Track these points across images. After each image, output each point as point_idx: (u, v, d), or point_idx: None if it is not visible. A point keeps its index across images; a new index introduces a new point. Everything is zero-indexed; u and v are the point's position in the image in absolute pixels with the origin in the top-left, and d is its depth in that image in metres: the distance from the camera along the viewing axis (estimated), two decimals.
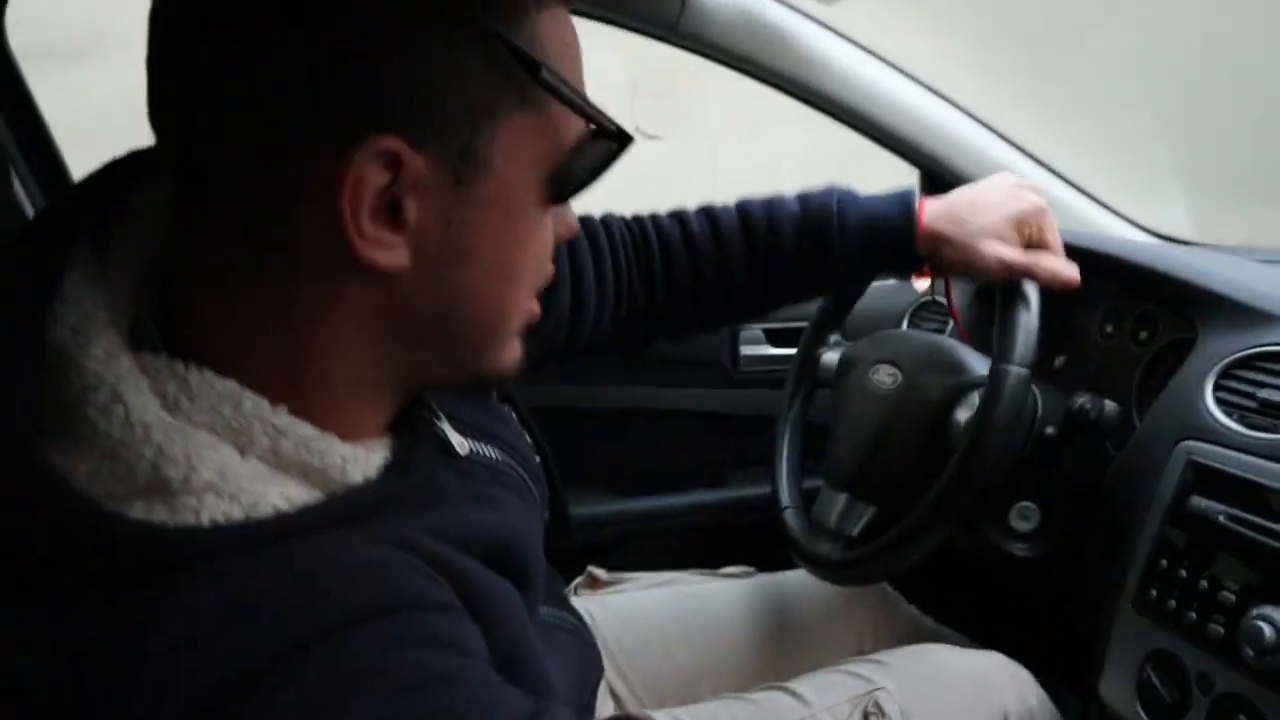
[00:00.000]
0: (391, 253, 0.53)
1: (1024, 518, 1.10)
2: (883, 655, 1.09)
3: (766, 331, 1.66)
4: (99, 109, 3.13)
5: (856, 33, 1.51)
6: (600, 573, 1.26)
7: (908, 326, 1.55)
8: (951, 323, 1.45)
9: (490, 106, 0.53)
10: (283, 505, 0.50)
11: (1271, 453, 0.88)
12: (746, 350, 1.66)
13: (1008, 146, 1.57)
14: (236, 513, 0.49)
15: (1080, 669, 1.02)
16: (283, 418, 0.52)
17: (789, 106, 1.53)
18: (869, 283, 1.19)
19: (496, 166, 0.55)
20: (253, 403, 0.52)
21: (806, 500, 1.23)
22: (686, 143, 3.92)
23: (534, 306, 0.63)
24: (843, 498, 1.16)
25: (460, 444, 0.69)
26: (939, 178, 1.56)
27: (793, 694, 1.03)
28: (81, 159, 1.68)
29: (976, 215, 1.00)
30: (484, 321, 0.59)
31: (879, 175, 1.61)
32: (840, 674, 1.06)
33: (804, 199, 1.03)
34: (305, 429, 0.53)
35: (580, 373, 1.67)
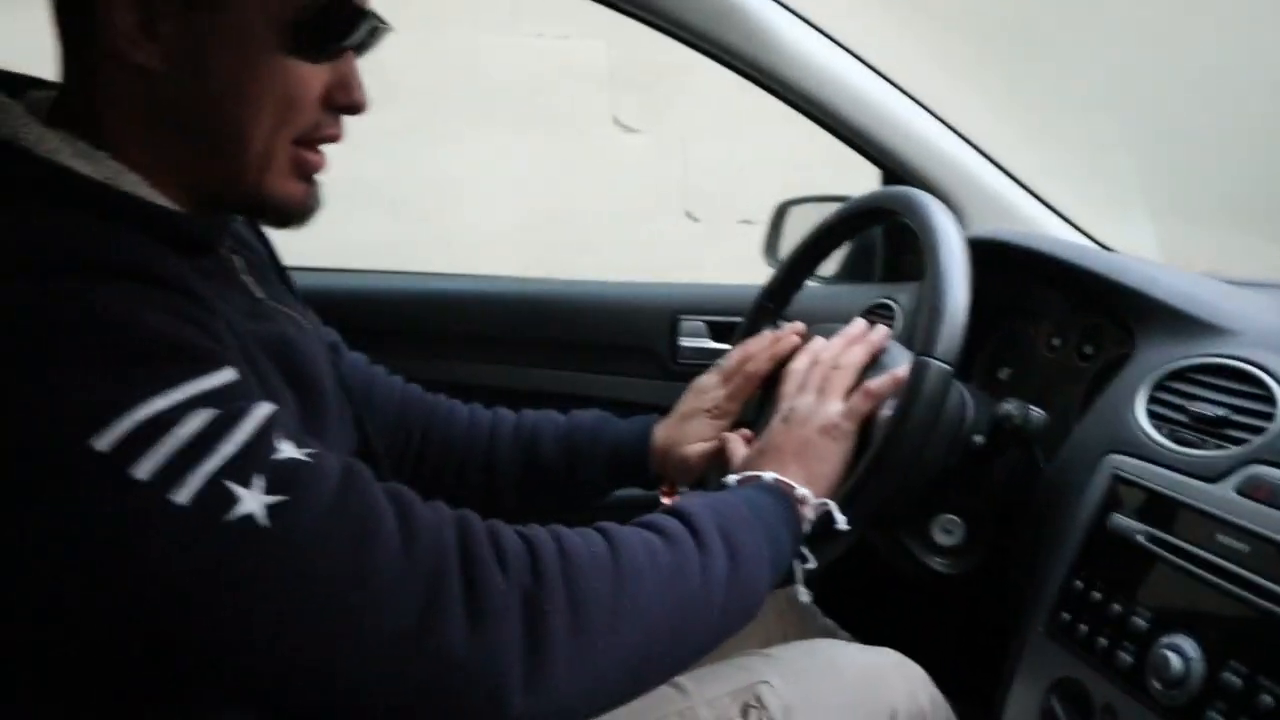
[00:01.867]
0: (143, 54, 0.72)
1: (947, 531, 1.06)
2: (774, 650, 1.05)
3: (709, 324, 1.62)
4: None
5: (832, 25, 1.48)
6: None
7: None
8: (900, 325, 1.41)
9: None
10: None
11: (1197, 470, 0.83)
12: (686, 342, 1.62)
13: (975, 154, 1.55)
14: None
15: (988, 691, 0.97)
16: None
17: (769, 107, 1.51)
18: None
19: (232, 6, 0.72)
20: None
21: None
22: (663, 138, 3.89)
23: (304, 153, 0.79)
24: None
25: (259, 292, 0.86)
26: (899, 178, 1.53)
27: (675, 686, 0.98)
28: None
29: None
30: (228, 136, 0.75)
31: (850, 178, 1.58)
32: (726, 665, 1.01)
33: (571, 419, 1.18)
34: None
35: (498, 351, 1.62)
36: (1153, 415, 0.92)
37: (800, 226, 1.73)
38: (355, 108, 0.80)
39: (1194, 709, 0.74)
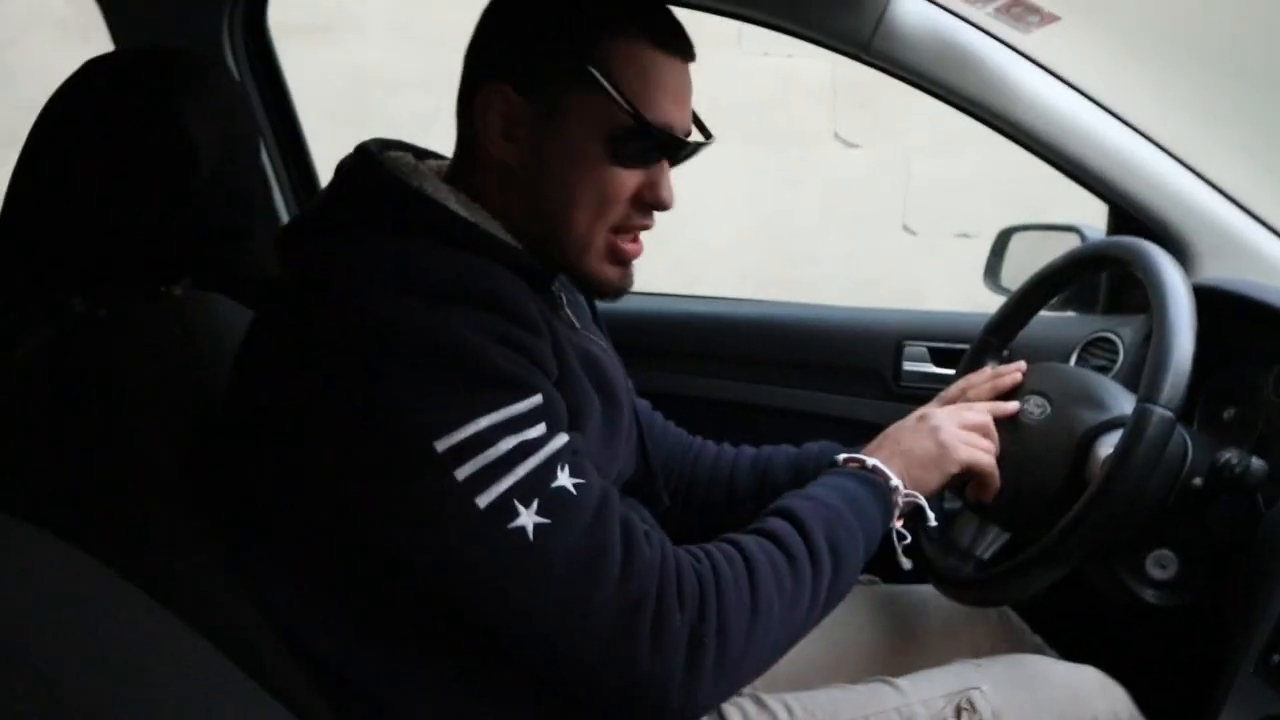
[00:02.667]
0: (503, 151, 0.95)
1: (1161, 565, 1.10)
2: (985, 660, 1.14)
3: (932, 350, 1.68)
4: (336, 82, 3.40)
5: (1052, 60, 1.50)
6: None
7: (1076, 361, 1.53)
8: (1121, 362, 1.43)
9: (567, 80, 0.93)
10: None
11: None
12: (910, 366, 1.68)
13: (1207, 189, 1.52)
14: None
15: None
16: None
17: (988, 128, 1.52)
18: None
19: (571, 117, 0.93)
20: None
21: (941, 519, 1.25)
22: (883, 153, 3.90)
23: (619, 241, 0.97)
24: (976, 521, 1.18)
25: (576, 322, 1.04)
26: (1129, 217, 1.53)
27: (892, 685, 1.09)
28: (320, 127, 1.89)
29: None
30: (557, 222, 0.95)
31: (1070, 200, 1.59)
32: (941, 671, 1.12)
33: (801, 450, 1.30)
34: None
35: (737, 368, 1.74)
36: None
37: (1022, 253, 1.76)
38: (661, 206, 0.97)
39: None
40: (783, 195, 3.86)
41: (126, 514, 0.89)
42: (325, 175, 1.84)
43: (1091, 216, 1.63)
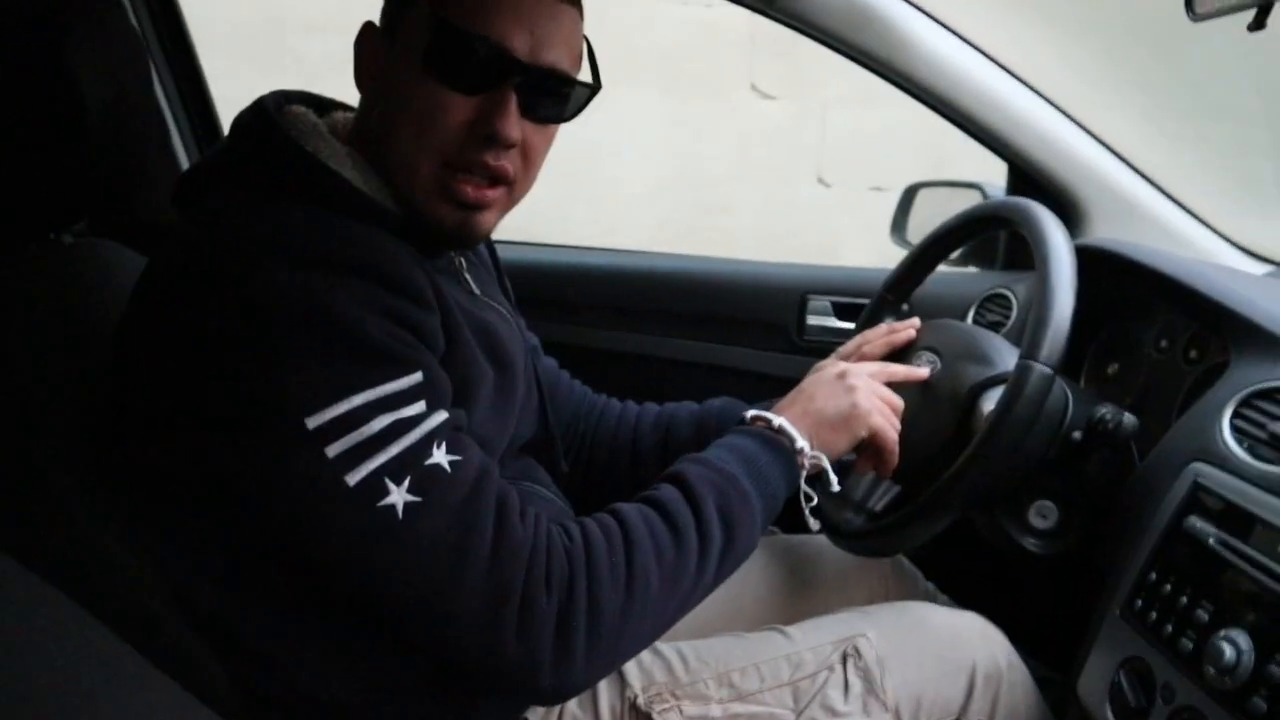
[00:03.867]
0: (367, 92, 0.95)
1: (1043, 515, 1.14)
2: (873, 608, 1.17)
3: (835, 305, 1.71)
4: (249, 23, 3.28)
5: (955, 19, 1.51)
6: None
7: (973, 317, 1.57)
8: (1013, 317, 1.47)
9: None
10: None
11: (1269, 485, 0.91)
12: (813, 320, 1.71)
13: (1105, 153, 1.57)
14: None
15: (1065, 662, 1.06)
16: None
17: None
18: None
19: (401, 38, 0.91)
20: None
21: (839, 472, 1.28)
22: (800, 106, 3.90)
23: (456, 180, 0.91)
24: (870, 475, 1.21)
25: (475, 289, 1.02)
26: (1027, 176, 1.57)
27: (783, 633, 1.12)
28: (227, 68, 1.83)
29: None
30: (387, 150, 0.92)
31: (982, 156, 1.61)
32: (829, 619, 1.15)
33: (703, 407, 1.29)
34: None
35: (643, 320, 1.74)
36: (1236, 430, 0.99)
37: (928, 209, 1.79)
38: (496, 138, 0.90)
39: (1242, 694, 0.82)
40: (700, 145, 3.84)
41: (13, 471, 0.86)
42: (227, 115, 1.80)
43: (1000, 174, 1.66)
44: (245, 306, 0.79)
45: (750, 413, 1.05)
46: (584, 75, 0.98)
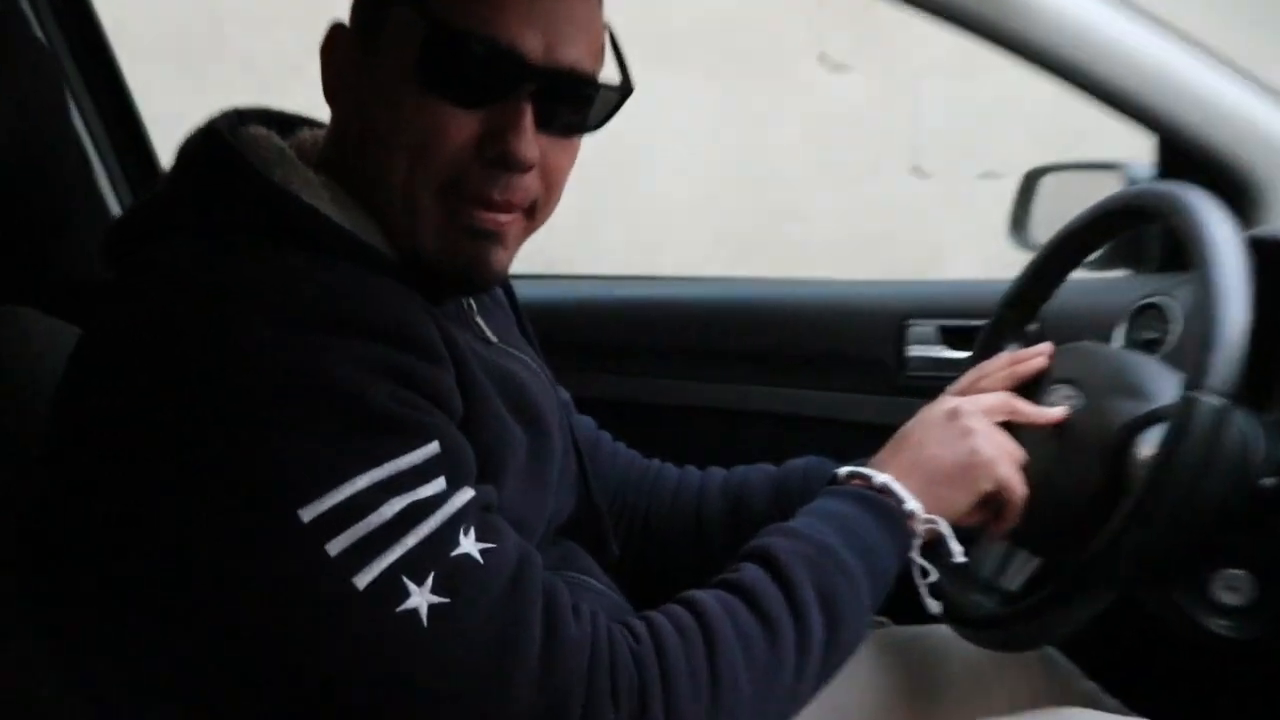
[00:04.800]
0: (341, 108, 0.97)
1: (1232, 588, 1.12)
2: (1023, 717, 1.15)
3: (943, 330, 1.70)
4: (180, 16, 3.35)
5: None
6: None
7: (1126, 335, 1.55)
8: (1173, 335, 1.45)
9: None
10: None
11: None
12: (916, 351, 1.70)
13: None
14: None
15: None
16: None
17: None
18: None
19: (384, 43, 0.92)
20: None
21: (961, 543, 1.26)
22: (883, 78, 3.92)
23: (465, 209, 0.92)
24: (1002, 545, 1.20)
25: (492, 335, 1.05)
26: (1182, 151, 1.55)
27: None
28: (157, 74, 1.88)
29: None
30: (378, 181, 0.93)
31: (1117, 130, 1.60)
32: None
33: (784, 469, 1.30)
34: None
35: (700, 365, 1.76)
36: None
37: (1057, 199, 1.78)
38: (510, 162, 0.91)
39: None
40: (760, 136, 3.87)
41: None
42: (164, 140, 1.84)
43: (1147, 151, 1.64)
44: (213, 375, 0.80)
45: (844, 470, 1.05)
46: (607, 72, 0.99)
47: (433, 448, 0.83)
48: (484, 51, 0.89)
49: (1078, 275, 1.36)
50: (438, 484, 0.83)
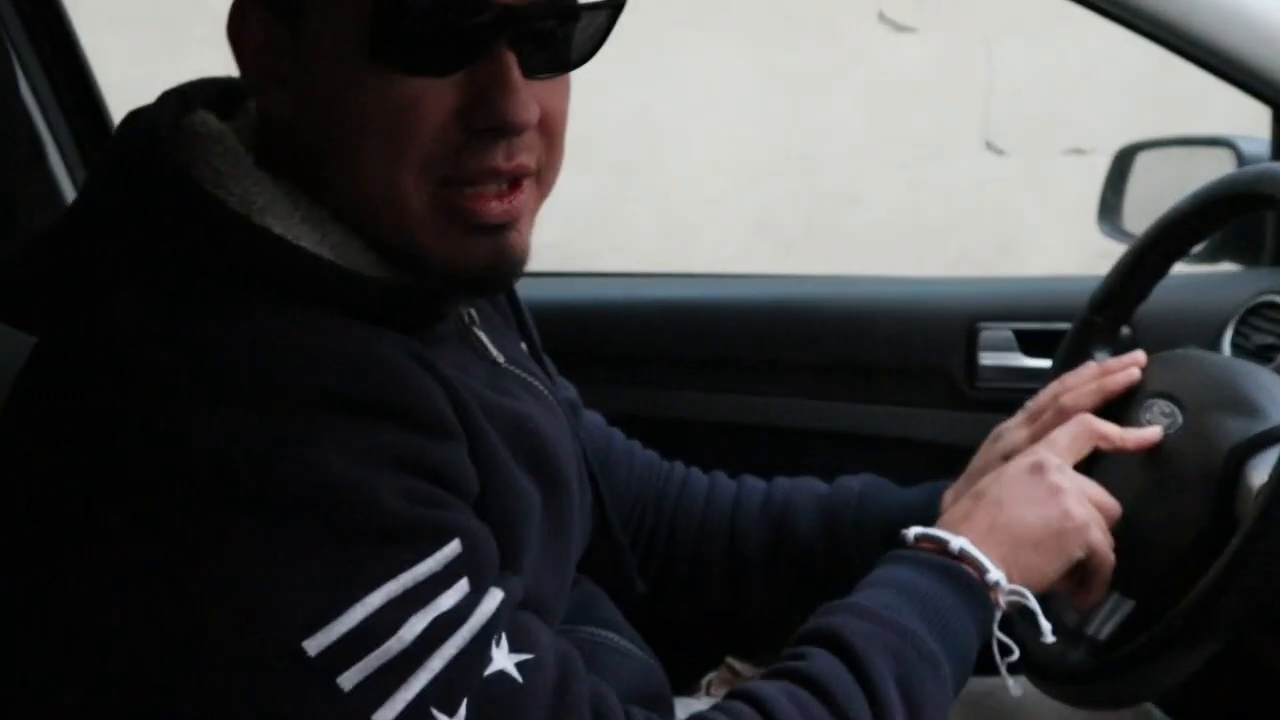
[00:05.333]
0: (275, 102, 0.90)
1: None
2: None
3: (1019, 334, 1.69)
4: None
5: None
6: (743, 667, 1.33)
7: (1231, 340, 1.55)
8: None
9: None
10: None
11: None
12: (988, 359, 1.70)
13: None
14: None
15: None
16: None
17: None
18: None
19: (317, 15, 0.86)
20: None
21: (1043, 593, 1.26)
22: (952, 41, 3.91)
23: (461, 197, 0.87)
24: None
25: (497, 354, 1.02)
26: None
27: None
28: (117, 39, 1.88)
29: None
30: (349, 180, 0.88)
31: (1204, 98, 1.59)
32: None
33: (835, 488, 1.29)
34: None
35: (739, 375, 1.75)
36: None
37: (1154, 181, 1.78)
38: (501, 127, 0.86)
39: None
40: (810, 109, 3.87)
41: None
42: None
43: (1260, 124, 1.64)
44: (178, 479, 0.76)
45: (912, 531, 1.04)
46: None
47: (453, 548, 0.80)
48: (450, 5, 0.84)
49: (1178, 270, 1.35)
50: (461, 589, 0.80)
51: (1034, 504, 1.04)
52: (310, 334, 0.81)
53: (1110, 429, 1.13)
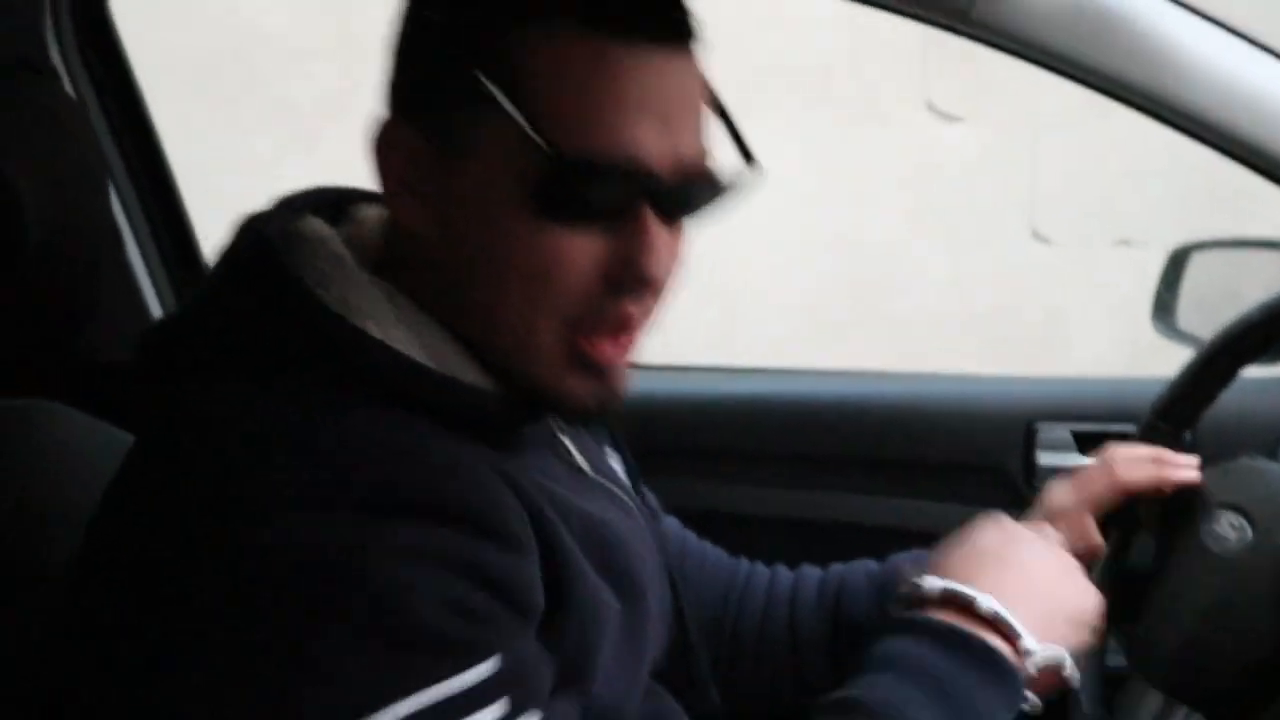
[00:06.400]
0: (414, 216, 0.92)
1: None
2: None
3: (1077, 435, 1.70)
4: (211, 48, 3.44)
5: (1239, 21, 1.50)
6: None
7: None
8: None
9: (466, 100, 0.88)
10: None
11: None
12: (1047, 459, 1.70)
13: None
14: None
15: None
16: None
17: None
18: None
19: (479, 157, 0.89)
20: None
21: (1108, 689, 1.25)
22: (996, 129, 3.93)
23: (587, 342, 0.91)
24: (1157, 698, 1.19)
25: (583, 461, 1.04)
26: None
27: None
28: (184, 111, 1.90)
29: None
30: (487, 316, 0.92)
31: (1256, 191, 1.59)
32: None
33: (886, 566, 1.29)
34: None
35: (792, 471, 1.76)
36: None
37: (1211, 279, 1.78)
38: (643, 282, 0.90)
39: None
40: (859, 193, 3.89)
41: None
42: (195, 194, 1.88)
43: None
44: (234, 566, 0.79)
45: (932, 583, 0.99)
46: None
47: (491, 664, 0.81)
48: (612, 174, 0.88)
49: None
50: (498, 709, 0.80)
51: (1062, 573, 1.04)
52: (393, 437, 0.84)
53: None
